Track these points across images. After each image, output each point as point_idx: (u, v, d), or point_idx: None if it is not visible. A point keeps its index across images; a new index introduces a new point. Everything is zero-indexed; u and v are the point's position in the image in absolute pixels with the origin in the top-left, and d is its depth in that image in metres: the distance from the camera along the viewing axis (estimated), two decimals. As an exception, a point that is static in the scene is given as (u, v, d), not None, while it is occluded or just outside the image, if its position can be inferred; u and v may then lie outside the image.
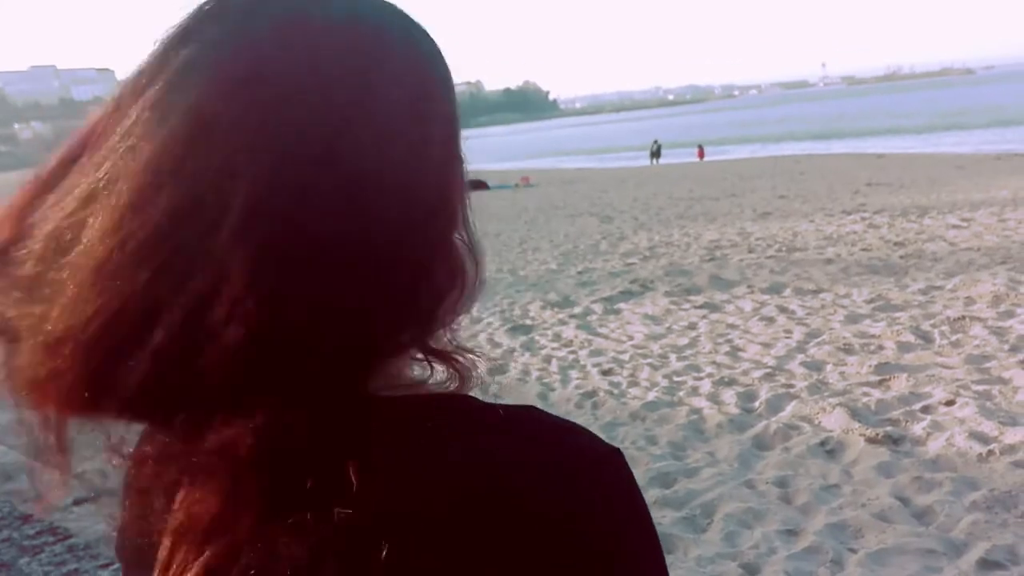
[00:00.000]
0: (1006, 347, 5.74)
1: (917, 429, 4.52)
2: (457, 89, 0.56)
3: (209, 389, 0.46)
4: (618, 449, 0.53)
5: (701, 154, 40.35)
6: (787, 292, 8.24)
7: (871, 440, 4.40)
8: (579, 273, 10.37)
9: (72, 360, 0.47)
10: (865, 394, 5.12)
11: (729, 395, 5.34)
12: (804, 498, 3.87)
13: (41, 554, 3.83)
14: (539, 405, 5.39)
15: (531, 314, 8.18)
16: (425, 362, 0.55)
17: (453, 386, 0.56)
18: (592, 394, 5.58)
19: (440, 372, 0.56)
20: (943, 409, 4.76)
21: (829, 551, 3.37)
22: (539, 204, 21.37)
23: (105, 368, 0.47)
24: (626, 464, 0.53)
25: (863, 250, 10.22)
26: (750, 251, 10.94)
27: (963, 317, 6.54)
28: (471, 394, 0.55)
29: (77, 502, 4.41)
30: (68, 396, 0.48)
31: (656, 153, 39.92)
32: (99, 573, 3.64)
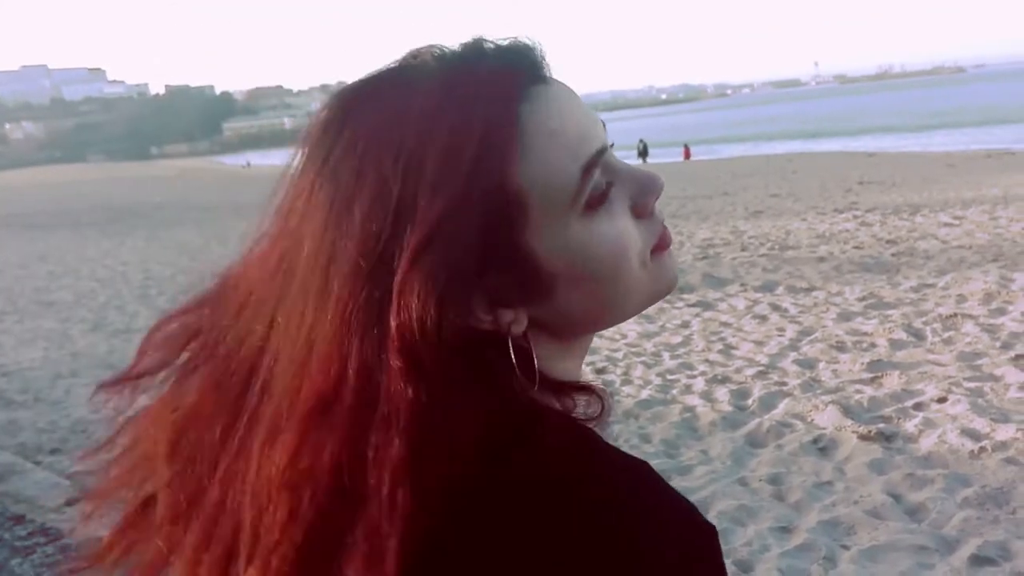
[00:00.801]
0: (997, 344, 5.76)
1: (909, 426, 4.53)
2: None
3: None
4: (715, 528, 0.59)
5: (687, 154, 40.14)
6: (780, 290, 8.26)
7: (864, 437, 4.41)
8: (572, 272, 10.35)
9: None
10: (858, 391, 5.14)
11: (722, 393, 5.35)
12: (797, 495, 3.89)
13: (33, 555, 3.82)
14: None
15: (524, 313, 8.17)
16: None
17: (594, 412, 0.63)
18: (586, 393, 5.58)
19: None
20: (935, 406, 4.78)
21: (822, 548, 3.38)
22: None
23: None
24: (719, 543, 0.59)
25: (855, 248, 10.25)
26: (743, 249, 10.96)
27: (955, 315, 6.56)
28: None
29: (69, 503, 4.40)
30: None
31: (643, 152, 39.45)
32: (92, 574, 3.63)
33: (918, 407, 4.79)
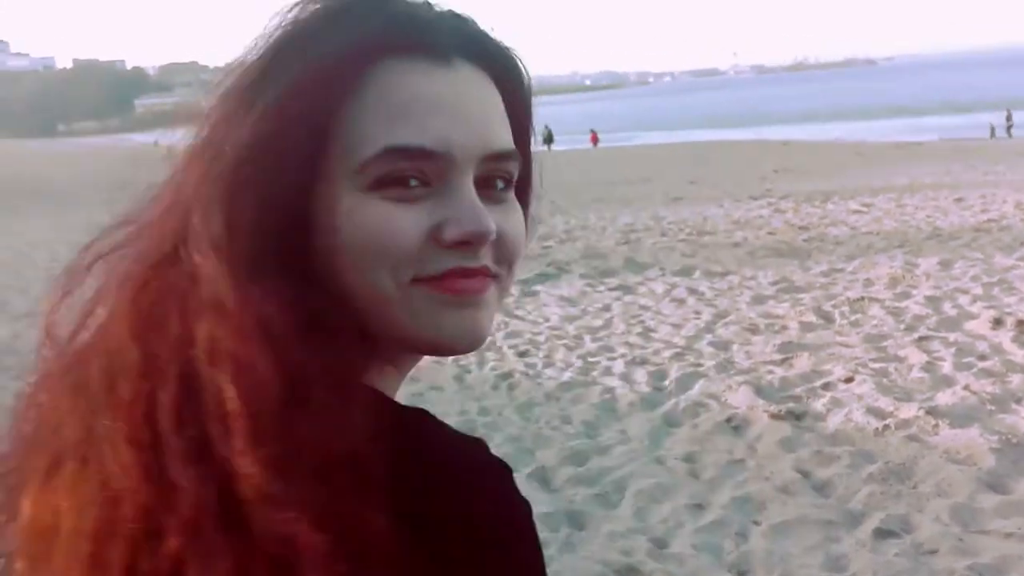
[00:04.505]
0: (902, 327, 6.01)
1: (818, 405, 4.69)
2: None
3: None
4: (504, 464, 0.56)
5: (594, 139, 39.78)
6: (697, 274, 8.44)
7: (774, 416, 4.54)
8: (495, 255, 10.35)
9: None
10: (769, 372, 5.29)
11: (641, 374, 5.43)
12: (711, 473, 3.98)
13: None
14: (455, 387, 5.38)
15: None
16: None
17: None
18: (508, 375, 5.60)
19: None
20: (842, 386, 4.95)
21: (734, 524, 3.48)
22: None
23: None
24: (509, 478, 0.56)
25: (769, 234, 10.54)
26: (663, 235, 11.15)
27: (862, 298, 6.81)
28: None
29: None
30: None
31: (548, 139, 34.44)
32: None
33: (826, 387, 4.96)
